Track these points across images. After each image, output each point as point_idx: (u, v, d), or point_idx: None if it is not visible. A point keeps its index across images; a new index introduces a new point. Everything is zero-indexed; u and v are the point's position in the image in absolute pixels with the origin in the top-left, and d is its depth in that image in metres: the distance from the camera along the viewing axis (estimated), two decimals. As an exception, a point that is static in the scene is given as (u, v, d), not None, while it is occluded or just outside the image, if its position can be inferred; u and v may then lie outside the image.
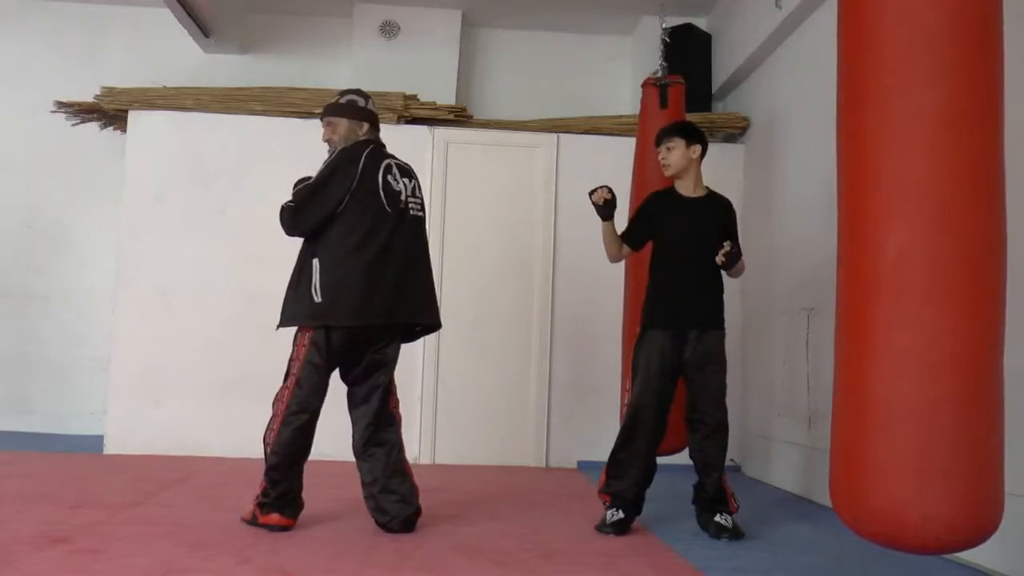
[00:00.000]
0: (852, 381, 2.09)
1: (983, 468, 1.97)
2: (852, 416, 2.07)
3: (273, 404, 3.15)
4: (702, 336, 3.32)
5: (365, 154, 3.17)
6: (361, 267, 3.07)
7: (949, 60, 2.00)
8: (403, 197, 3.21)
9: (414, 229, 3.24)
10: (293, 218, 3.13)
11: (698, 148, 3.46)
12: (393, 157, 3.31)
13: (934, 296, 1.97)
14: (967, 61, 2.00)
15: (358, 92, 3.37)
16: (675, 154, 3.45)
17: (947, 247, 1.97)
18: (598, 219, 3.47)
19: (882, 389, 2.00)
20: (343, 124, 3.26)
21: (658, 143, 3.52)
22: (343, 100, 3.31)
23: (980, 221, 1.99)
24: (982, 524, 1.99)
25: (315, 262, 3.09)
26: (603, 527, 3.28)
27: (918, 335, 1.97)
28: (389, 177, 3.21)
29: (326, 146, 3.36)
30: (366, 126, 3.29)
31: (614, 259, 3.53)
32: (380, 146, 3.32)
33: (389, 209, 3.16)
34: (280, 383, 3.15)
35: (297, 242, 3.26)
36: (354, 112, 3.28)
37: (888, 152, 2.03)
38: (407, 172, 3.31)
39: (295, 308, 3.15)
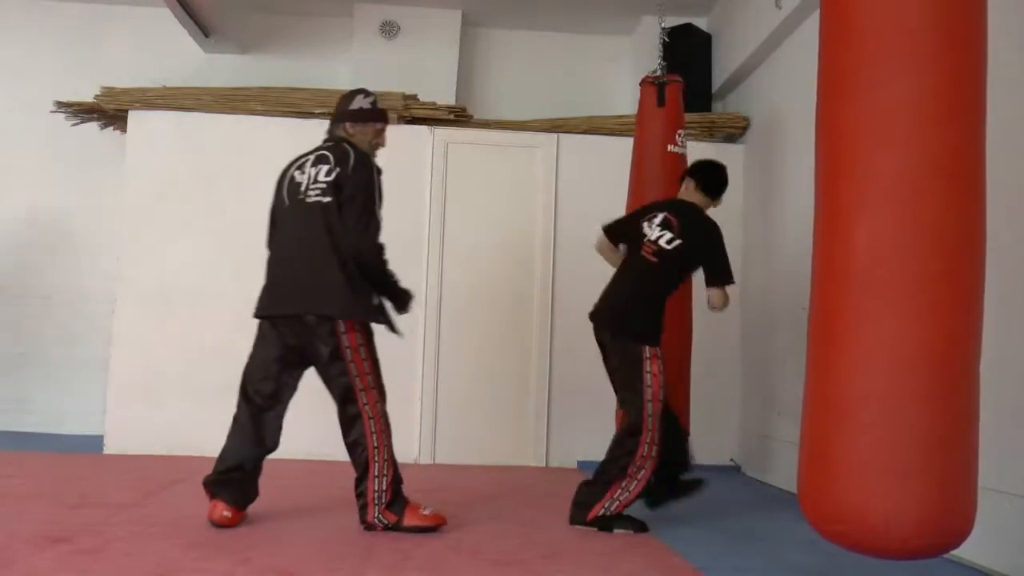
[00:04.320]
0: (820, 376, 2.04)
1: (953, 468, 1.90)
2: (819, 412, 2.03)
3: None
4: None
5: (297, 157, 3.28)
6: (266, 265, 3.24)
7: (925, 53, 1.96)
8: (303, 188, 3.13)
9: (309, 215, 3.09)
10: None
11: (689, 182, 3.55)
12: (326, 148, 3.20)
13: (904, 291, 1.91)
14: (945, 54, 1.96)
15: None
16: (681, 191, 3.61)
17: (919, 242, 1.92)
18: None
19: (849, 385, 1.95)
20: None
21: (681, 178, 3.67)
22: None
23: (954, 216, 1.93)
24: (952, 527, 1.92)
25: None
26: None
27: (887, 330, 1.92)
28: (296, 171, 3.21)
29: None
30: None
31: None
32: (325, 141, 3.29)
33: (287, 202, 3.18)
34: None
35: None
36: None
37: (861, 144, 1.98)
38: (322, 159, 3.16)
39: None
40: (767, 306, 4.94)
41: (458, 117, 5.39)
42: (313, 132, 5.12)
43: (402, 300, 3.24)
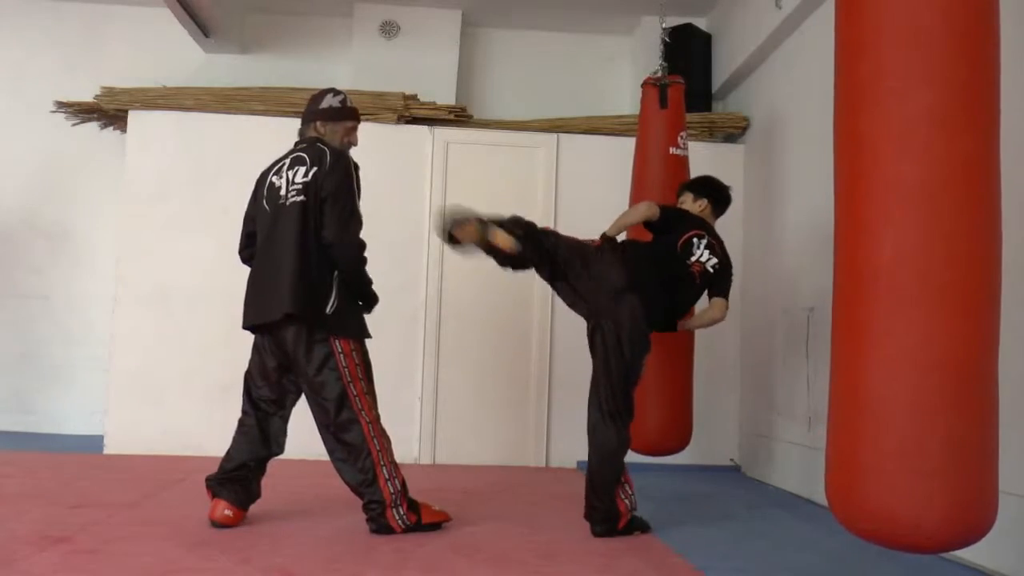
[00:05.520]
0: (847, 382, 2.09)
1: (976, 468, 1.98)
2: (847, 416, 2.08)
3: None
4: None
5: (272, 164, 3.25)
6: (250, 273, 3.22)
7: (944, 62, 2.00)
8: (283, 192, 3.10)
9: (287, 218, 3.06)
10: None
11: (704, 202, 3.65)
12: (300, 150, 3.18)
13: (928, 298, 1.97)
14: (962, 63, 2.01)
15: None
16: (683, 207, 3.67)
17: (941, 249, 1.97)
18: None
19: (876, 390, 2.01)
20: None
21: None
22: None
23: (975, 223, 1.99)
24: (974, 524, 2.00)
25: None
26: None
27: (912, 336, 1.97)
28: (273, 177, 3.18)
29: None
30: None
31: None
32: (298, 143, 3.25)
33: (268, 208, 3.15)
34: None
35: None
36: None
37: (883, 154, 2.03)
38: (299, 161, 3.12)
39: None
40: (767, 306, 4.94)
41: (458, 117, 5.39)
42: (313, 132, 5.18)
43: (369, 303, 3.24)
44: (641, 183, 4.32)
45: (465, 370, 5.15)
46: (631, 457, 4.27)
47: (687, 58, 5.41)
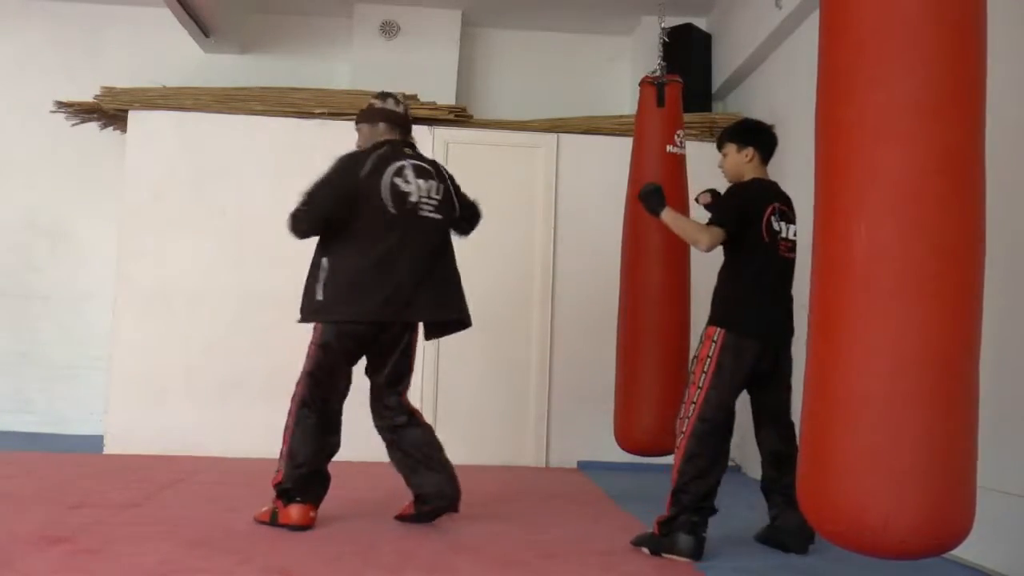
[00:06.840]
0: (819, 376, 2.03)
1: (952, 469, 1.89)
2: (818, 412, 2.02)
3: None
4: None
5: (374, 156, 3.22)
6: (366, 267, 3.15)
7: (926, 50, 1.94)
8: (413, 199, 3.20)
9: (428, 230, 3.25)
10: (293, 220, 3.15)
11: (751, 151, 3.18)
12: (414, 157, 3.33)
13: (904, 291, 1.90)
14: (945, 52, 1.94)
15: (380, 94, 3.46)
16: (727, 161, 3.24)
17: (919, 241, 1.90)
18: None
19: (848, 384, 1.94)
20: (363, 130, 3.39)
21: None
22: (366, 105, 3.43)
23: (955, 215, 1.92)
24: (950, 527, 1.91)
25: (324, 261, 3.19)
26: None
27: (886, 330, 1.90)
28: (397, 179, 3.20)
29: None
30: (382, 126, 3.35)
31: None
32: (401, 146, 3.33)
33: (394, 211, 3.17)
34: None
35: (304, 242, 3.28)
36: (369, 116, 3.38)
37: (861, 143, 1.97)
38: (425, 173, 3.28)
39: (306, 304, 3.22)
40: (767, 306, 4.93)
41: (458, 117, 5.39)
42: (313, 132, 5.18)
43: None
44: (638, 182, 4.31)
45: (465, 370, 5.15)
46: (629, 457, 4.29)
47: (687, 58, 5.41)
